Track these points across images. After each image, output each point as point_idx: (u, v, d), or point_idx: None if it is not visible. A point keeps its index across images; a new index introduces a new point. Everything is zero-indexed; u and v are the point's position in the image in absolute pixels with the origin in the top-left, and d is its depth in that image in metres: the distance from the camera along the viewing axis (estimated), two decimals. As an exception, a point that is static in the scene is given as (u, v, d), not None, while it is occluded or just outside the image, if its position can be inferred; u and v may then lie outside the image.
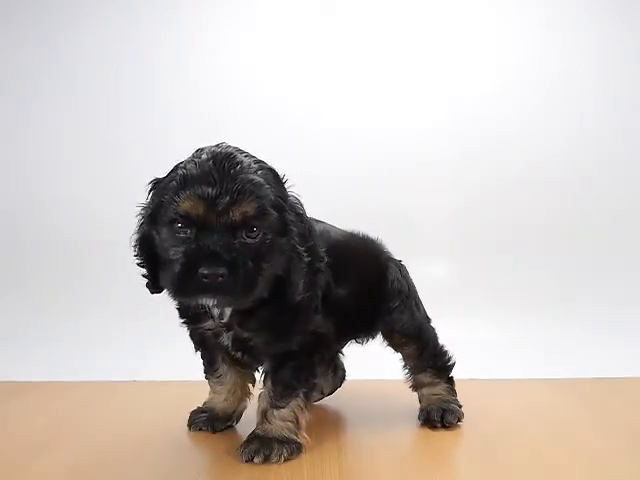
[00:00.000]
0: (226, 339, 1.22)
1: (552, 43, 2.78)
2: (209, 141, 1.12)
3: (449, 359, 1.47)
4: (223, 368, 1.38)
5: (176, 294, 1.07)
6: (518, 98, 2.77)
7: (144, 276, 1.21)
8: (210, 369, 1.41)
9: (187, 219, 1.03)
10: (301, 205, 1.18)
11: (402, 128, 2.76)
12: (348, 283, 1.29)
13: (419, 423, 1.42)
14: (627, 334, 2.32)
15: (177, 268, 1.02)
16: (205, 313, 1.18)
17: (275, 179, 1.13)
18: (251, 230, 1.04)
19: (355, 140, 2.75)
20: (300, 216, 1.14)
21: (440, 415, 1.38)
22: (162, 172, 1.14)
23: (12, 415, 1.56)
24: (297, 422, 1.21)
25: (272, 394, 1.20)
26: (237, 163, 1.06)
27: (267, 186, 1.07)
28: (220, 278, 0.98)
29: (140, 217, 1.20)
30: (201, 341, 1.37)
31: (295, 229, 1.11)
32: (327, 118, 2.78)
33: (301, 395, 1.21)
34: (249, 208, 1.02)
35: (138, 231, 1.20)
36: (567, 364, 2.00)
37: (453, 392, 1.46)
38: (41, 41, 2.90)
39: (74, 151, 2.88)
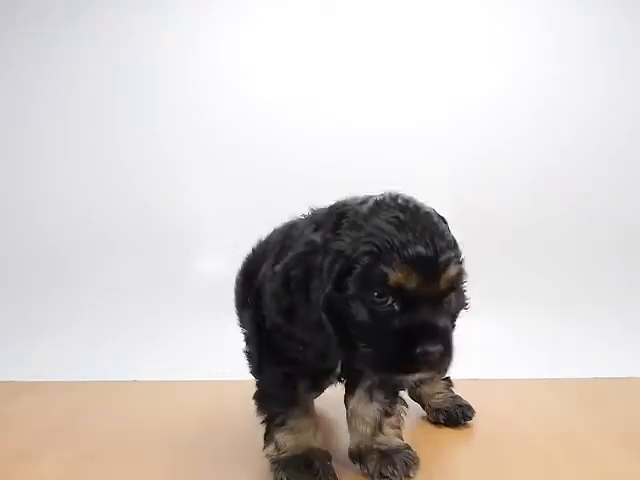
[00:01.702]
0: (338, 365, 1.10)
1: (552, 45, 2.77)
2: (209, 141, 1.08)
3: None
4: (305, 397, 1.16)
5: (393, 371, 0.94)
6: (518, 100, 2.77)
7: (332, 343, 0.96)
8: (290, 401, 1.13)
9: (396, 290, 0.91)
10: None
11: (402, 128, 2.76)
12: None
13: (426, 423, 1.43)
14: (627, 334, 2.32)
15: (390, 345, 0.90)
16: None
17: (449, 231, 1.03)
18: (449, 297, 0.98)
19: (355, 140, 2.75)
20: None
21: (461, 412, 1.40)
22: (159, 172, 1.11)
23: (12, 415, 1.56)
24: (399, 424, 1.18)
25: (384, 403, 1.15)
26: (436, 222, 0.98)
27: (453, 242, 1.00)
28: (438, 355, 0.91)
29: (320, 279, 0.95)
30: (285, 373, 1.11)
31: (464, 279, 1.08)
32: (327, 118, 2.78)
33: (399, 400, 1.18)
34: (454, 273, 0.95)
35: (324, 296, 0.94)
36: (567, 364, 1.99)
37: (452, 389, 1.47)
38: (38, 42, 2.90)
39: (72, 151, 2.88)
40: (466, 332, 2.14)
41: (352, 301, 0.93)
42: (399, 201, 1.01)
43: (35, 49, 2.91)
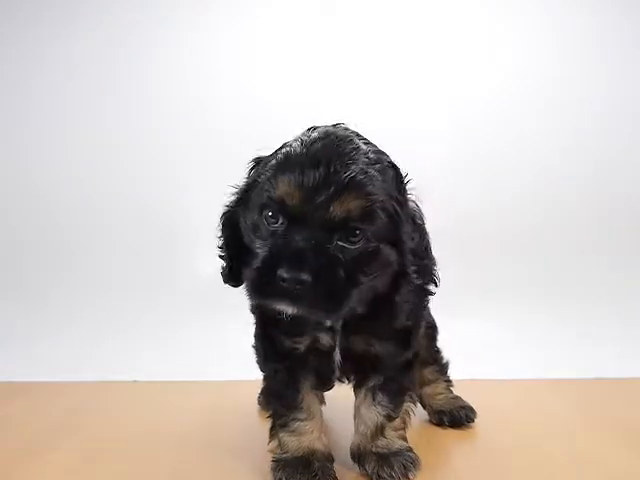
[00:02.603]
0: (337, 354, 1.05)
1: (552, 45, 2.78)
2: (208, 142, 1.09)
3: (444, 356, 1.48)
4: (308, 397, 1.11)
5: (252, 295, 0.90)
6: (518, 100, 2.78)
7: (222, 260, 1.03)
8: (292, 403, 1.10)
9: (280, 207, 0.87)
10: (421, 214, 1.00)
11: (402, 129, 2.76)
12: None
13: (426, 423, 1.43)
14: (627, 334, 2.32)
15: (257, 264, 0.87)
16: (314, 326, 0.99)
17: (395, 177, 0.96)
18: (352, 233, 0.87)
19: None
20: (418, 227, 0.97)
21: (464, 414, 1.39)
22: (159, 172, 1.12)
23: (12, 415, 1.56)
24: (405, 425, 1.16)
25: (388, 407, 1.11)
26: (352, 149, 0.89)
27: (382, 183, 0.89)
28: (300, 285, 0.82)
29: (231, 196, 1.03)
30: (287, 367, 1.08)
31: (408, 242, 0.92)
32: (327, 118, 2.77)
33: (407, 399, 1.15)
34: (354, 206, 0.85)
35: (225, 211, 1.02)
36: (567, 364, 1.99)
37: (452, 389, 1.47)
38: (38, 42, 2.90)
39: (72, 152, 2.88)
40: (466, 332, 2.16)
41: (249, 214, 0.94)
42: (330, 128, 0.98)
43: (34, 49, 2.91)
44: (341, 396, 1.21)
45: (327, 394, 1.23)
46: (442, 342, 1.48)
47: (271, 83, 2.80)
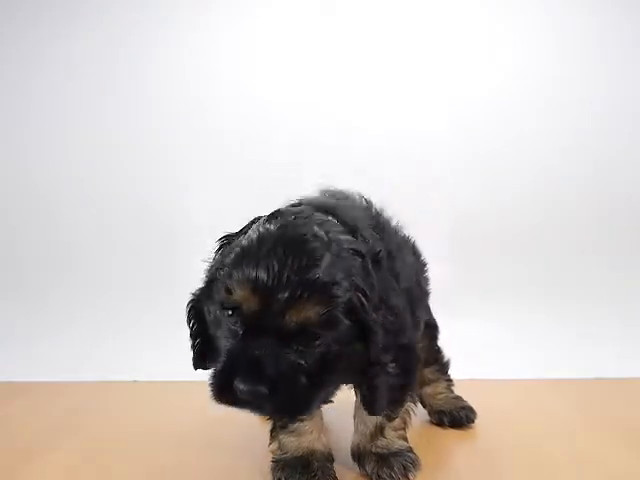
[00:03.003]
0: None
1: (552, 45, 2.78)
2: (208, 142, 1.08)
3: (445, 356, 1.48)
4: None
5: (214, 399, 0.87)
6: (518, 100, 2.77)
7: (192, 349, 1.03)
8: None
9: (237, 311, 0.85)
10: (397, 292, 0.94)
11: (402, 129, 2.76)
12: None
13: (426, 423, 1.43)
14: (627, 334, 2.32)
15: (216, 370, 0.86)
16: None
17: (361, 265, 0.88)
18: (312, 338, 0.83)
19: (355, 140, 2.75)
20: (391, 311, 0.91)
21: (465, 415, 1.40)
22: (159, 172, 1.11)
23: (12, 415, 1.56)
24: (405, 425, 1.15)
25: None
26: (310, 247, 0.83)
27: (344, 283, 0.83)
28: (257, 396, 0.81)
29: (202, 281, 1.00)
30: None
31: (379, 336, 0.87)
32: (327, 118, 2.78)
33: (408, 398, 1.13)
34: (312, 313, 0.81)
35: (191, 300, 1.01)
36: (567, 364, 1.99)
37: (452, 389, 1.47)
38: (37, 42, 2.90)
39: (72, 152, 2.88)
40: (466, 332, 2.16)
41: (212, 308, 0.92)
42: (289, 219, 0.89)
43: (34, 49, 2.91)
44: (341, 396, 1.21)
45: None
46: (442, 342, 1.49)
47: (271, 83, 2.80)
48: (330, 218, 0.94)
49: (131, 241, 2.76)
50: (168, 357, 2.08)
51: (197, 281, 1.03)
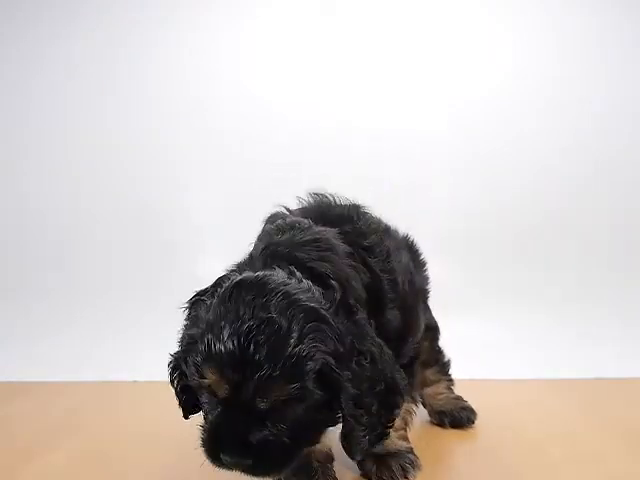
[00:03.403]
0: None
1: (552, 45, 2.77)
2: (208, 142, 1.07)
3: (445, 355, 1.48)
4: None
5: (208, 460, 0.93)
6: (518, 100, 2.77)
7: (179, 405, 1.10)
8: None
9: (212, 393, 0.89)
10: (371, 335, 0.94)
11: (402, 129, 2.76)
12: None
13: (426, 423, 1.43)
14: (627, 334, 2.32)
15: (205, 437, 0.93)
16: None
17: (330, 329, 0.87)
18: (287, 410, 0.86)
19: (355, 140, 2.75)
20: (364, 356, 0.91)
21: (466, 415, 1.40)
22: (159, 172, 1.11)
23: (12, 415, 1.56)
24: (406, 425, 1.16)
25: None
26: (275, 328, 0.83)
27: (313, 353, 0.84)
28: (247, 469, 0.87)
29: (179, 342, 1.03)
30: None
31: (349, 392, 0.88)
32: (327, 118, 2.78)
33: (408, 399, 1.14)
34: (281, 392, 0.82)
35: (170, 361, 1.08)
36: (567, 364, 2.00)
37: (453, 389, 1.47)
38: (37, 42, 2.90)
39: (72, 152, 2.88)
40: (466, 332, 2.16)
41: (190, 373, 0.94)
42: (246, 293, 0.86)
43: (34, 49, 2.91)
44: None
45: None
46: (442, 342, 1.49)
47: (271, 83, 2.79)
48: (292, 278, 0.91)
49: (131, 241, 2.76)
50: (168, 357, 2.09)
51: (196, 282, 1.03)
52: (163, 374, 1.89)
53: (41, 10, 2.89)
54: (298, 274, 0.92)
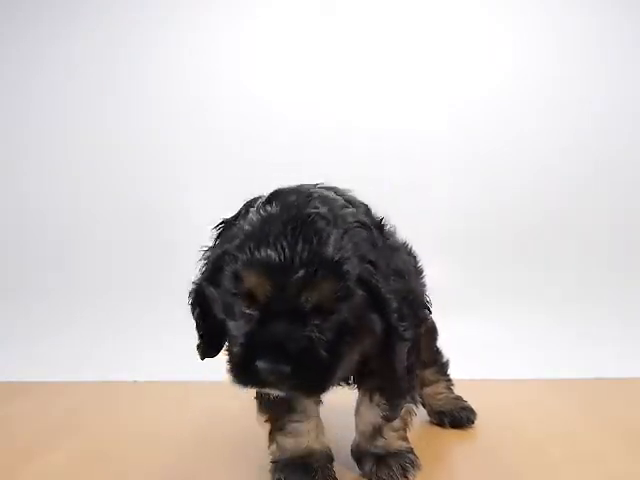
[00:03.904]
0: None
1: (552, 45, 2.78)
2: (208, 142, 1.07)
3: (444, 356, 1.48)
4: (304, 401, 1.11)
5: (235, 382, 0.89)
6: (518, 100, 2.77)
7: (198, 337, 1.03)
8: (287, 406, 1.10)
9: (250, 298, 0.85)
10: (402, 260, 0.96)
11: (402, 129, 2.76)
12: None
13: (426, 423, 1.43)
14: (627, 334, 2.32)
15: (236, 353, 0.87)
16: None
17: (368, 237, 0.89)
18: (329, 314, 0.84)
19: (355, 140, 2.75)
20: (398, 275, 0.92)
21: (466, 415, 1.40)
22: (159, 172, 1.11)
23: (12, 415, 1.56)
24: (406, 425, 1.15)
25: (386, 408, 1.09)
26: (316, 224, 0.83)
27: (354, 257, 0.84)
28: (280, 375, 0.82)
29: (201, 268, 1.00)
30: None
31: (393, 303, 0.88)
32: (327, 118, 2.78)
33: (409, 399, 1.13)
34: (326, 290, 0.82)
35: (194, 288, 1.00)
36: (567, 364, 2.00)
37: (452, 389, 1.47)
38: (37, 42, 2.90)
39: (72, 152, 2.88)
40: (466, 332, 2.16)
41: (220, 294, 0.91)
42: (291, 198, 0.88)
43: (34, 49, 2.91)
44: (343, 395, 1.21)
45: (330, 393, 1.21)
46: (442, 342, 1.49)
47: (271, 83, 2.80)
48: (331, 194, 0.93)
49: (131, 241, 2.76)
50: (168, 357, 2.09)
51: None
52: (163, 374, 1.90)
53: (41, 10, 2.89)
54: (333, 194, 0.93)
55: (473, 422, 1.40)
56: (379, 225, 0.97)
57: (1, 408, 1.62)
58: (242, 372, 0.86)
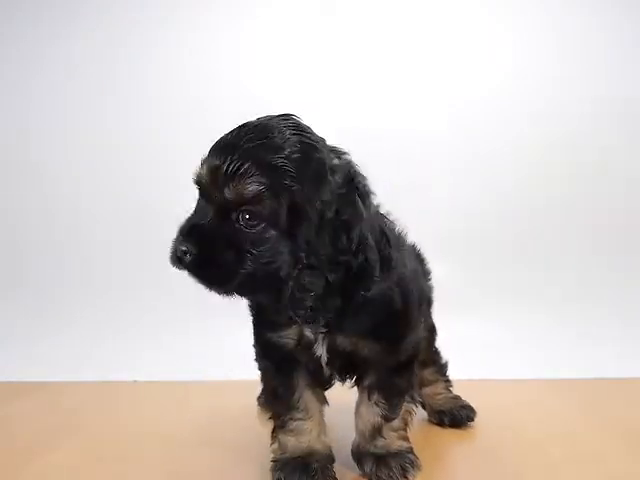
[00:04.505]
0: (320, 350, 1.04)
1: (552, 45, 2.77)
2: (208, 142, 1.08)
3: (442, 357, 1.49)
4: (306, 396, 1.11)
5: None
6: (518, 100, 2.77)
7: None
8: (289, 403, 1.10)
9: (197, 187, 0.98)
10: (351, 202, 0.92)
11: (402, 129, 2.76)
12: None
13: (426, 423, 1.43)
14: (627, 334, 2.32)
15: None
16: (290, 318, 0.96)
17: (316, 174, 0.91)
18: (247, 216, 0.89)
19: (355, 140, 2.75)
20: (346, 231, 0.90)
21: (465, 414, 1.40)
22: (159, 172, 1.12)
23: (12, 415, 1.56)
24: (406, 426, 1.15)
25: (385, 407, 1.09)
26: (264, 136, 0.91)
27: (291, 173, 0.87)
28: (186, 255, 0.91)
29: None
30: (278, 364, 1.10)
31: (307, 230, 0.88)
32: (327, 118, 2.77)
33: (408, 398, 1.13)
34: (246, 190, 0.87)
35: None
36: (567, 364, 2.00)
37: (451, 389, 1.47)
38: (37, 42, 2.90)
39: (72, 152, 2.88)
40: (466, 332, 2.16)
41: None
42: (265, 117, 1.00)
43: (34, 49, 2.91)
44: (344, 395, 1.21)
45: (330, 393, 1.21)
46: (442, 342, 1.49)
47: (271, 83, 2.79)
48: (324, 140, 1.01)
49: (131, 241, 2.76)
50: (168, 357, 2.09)
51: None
52: (163, 374, 1.91)
53: (41, 10, 2.89)
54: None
55: (473, 420, 1.40)
56: (349, 178, 0.96)
57: (1, 408, 1.62)
58: (171, 253, 0.96)
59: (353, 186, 0.95)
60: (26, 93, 2.91)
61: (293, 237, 0.89)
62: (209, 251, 0.90)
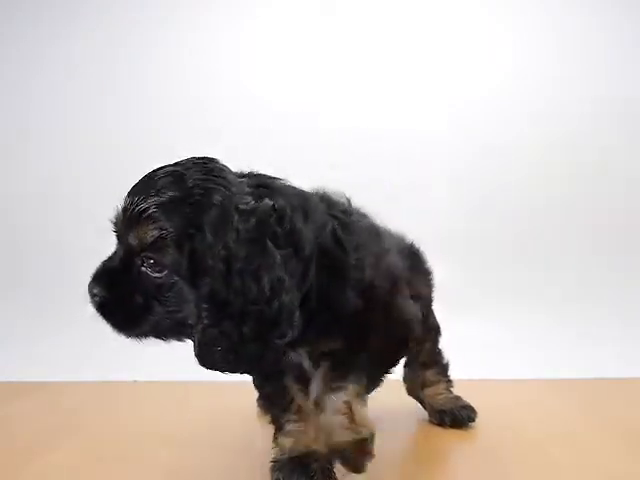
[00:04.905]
0: (303, 357, 1.04)
1: (552, 45, 2.78)
2: (209, 141, 1.09)
3: (445, 357, 1.49)
4: (299, 399, 1.10)
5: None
6: (518, 100, 2.77)
7: None
8: (285, 408, 1.10)
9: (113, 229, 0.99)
10: (261, 248, 0.86)
11: (402, 129, 2.76)
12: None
13: (426, 423, 1.43)
14: (627, 334, 2.32)
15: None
16: None
17: (221, 215, 0.87)
18: (151, 262, 0.88)
19: (355, 140, 2.75)
20: (251, 275, 0.84)
21: (466, 414, 1.40)
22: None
23: (12, 415, 1.56)
24: (352, 413, 1.02)
25: (329, 376, 1.03)
26: (174, 180, 0.92)
27: (190, 212, 0.86)
28: (95, 298, 0.96)
29: None
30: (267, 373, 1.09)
31: (213, 279, 0.84)
32: (326, 119, 2.78)
33: (364, 380, 1.04)
34: (146, 236, 0.87)
35: None
36: (567, 364, 2.00)
37: (452, 390, 1.47)
38: (37, 42, 2.90)
39: (72, 152, 2.88)
40: (466, 332, 2.16)
41: None
42: (181, 160, 1.04)
43: (34, 49, 2.91)
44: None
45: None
46: (442, 342, 1.49)
47: (271, 83, 2.79)
48: (241, 179, 1.01)
49: (131, 241, 2.76)
50: (168, 357, 2.08)
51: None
52: (163, 374, 1.90)
53: (41, 10, 2.89)
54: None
55: (474, 420, 1.41)
56: (262, 220, 0.89)
57: (1, 408, 1.62)
58: (88, 293, 0.98)
59: (265, 230, 0.88)
60: (26, 93, 2.91)
61: (197, 287, 0.86)
62: (117, 295, 0.93)
